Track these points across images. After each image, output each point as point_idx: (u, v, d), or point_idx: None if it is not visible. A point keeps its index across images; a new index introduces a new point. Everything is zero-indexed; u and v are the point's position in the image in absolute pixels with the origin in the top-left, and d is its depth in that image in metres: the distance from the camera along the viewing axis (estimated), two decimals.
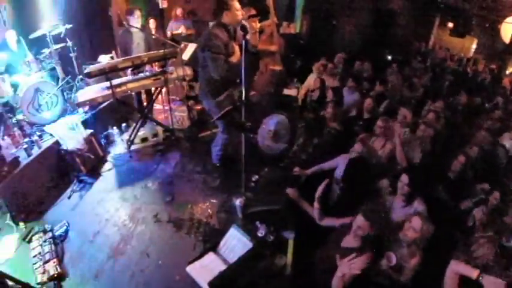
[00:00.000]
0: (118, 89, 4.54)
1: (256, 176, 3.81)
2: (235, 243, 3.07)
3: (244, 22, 3.42)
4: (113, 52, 5.80)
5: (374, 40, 9.28)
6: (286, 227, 3.29)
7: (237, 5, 3.58)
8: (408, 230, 2.73)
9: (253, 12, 4.29)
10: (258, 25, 4.58)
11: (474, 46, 9.77)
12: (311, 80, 6.50)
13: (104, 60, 5.46)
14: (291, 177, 3.41)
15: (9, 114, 4.45)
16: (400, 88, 6.35)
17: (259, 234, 3.17)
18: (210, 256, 3.13)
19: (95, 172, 4.62)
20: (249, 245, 2.96)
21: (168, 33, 5.85)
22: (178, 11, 7.20)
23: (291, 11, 8.00)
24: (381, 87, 5.65)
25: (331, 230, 3.04)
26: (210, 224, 3.74)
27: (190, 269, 3.03)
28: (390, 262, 2.73)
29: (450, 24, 9.71)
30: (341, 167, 3.54)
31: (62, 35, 5.12)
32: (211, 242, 3.34)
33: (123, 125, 5.18)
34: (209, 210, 3.93)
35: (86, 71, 4.30)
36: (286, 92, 5.65)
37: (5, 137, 4.28)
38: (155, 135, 5.34)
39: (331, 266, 2.72)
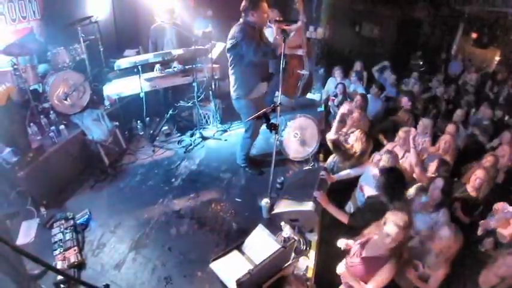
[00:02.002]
0: (146, 84, 4.57)
1: (282, 178, 3.79)
2: (261, 242, 3.06)
3: (272, 25, 3.44)
4: (139, 47, 5.84)
5: (398, 48, 9.23)
6: (310, 229, 3.27)
7: (266, 6, 3.60)
8: (438, 240, 2.69)
9: (278, 17, 4.32)
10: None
11: (497, 58, 9.59)
12: (331, 84, 6.52)
13: (130, 54, 5.51)
14: (317, 180, 3.38)
15: (36, 102, 4.49)
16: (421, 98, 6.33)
17: (284, 235, 3.15)
18: (235, 254, 3.12)
19: (117, 164, 4.65)
20: (275, 245, 2.94)
21: (199, 31, 5.86)
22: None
23: (318, 15, 8.02)
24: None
25: (356, 234, 3.01)
26: (234, 223, 3.72)
27: (214, 265, 3.04)
28: (417, 270, 2.70)
29: (474, 35, 9.62)
30: (367, 173, 3.53)
31: (91, 27, 5.17)
32: (234, 240, 3.32)
33: (147, 119, 5.20)
34: (233, 210, 3.90)
35: (115, 64, 4.34)
36: (309, 96, 5.65)
37: (31, 124, 4.32)
38: (179, 130, 5.36)
39: None
